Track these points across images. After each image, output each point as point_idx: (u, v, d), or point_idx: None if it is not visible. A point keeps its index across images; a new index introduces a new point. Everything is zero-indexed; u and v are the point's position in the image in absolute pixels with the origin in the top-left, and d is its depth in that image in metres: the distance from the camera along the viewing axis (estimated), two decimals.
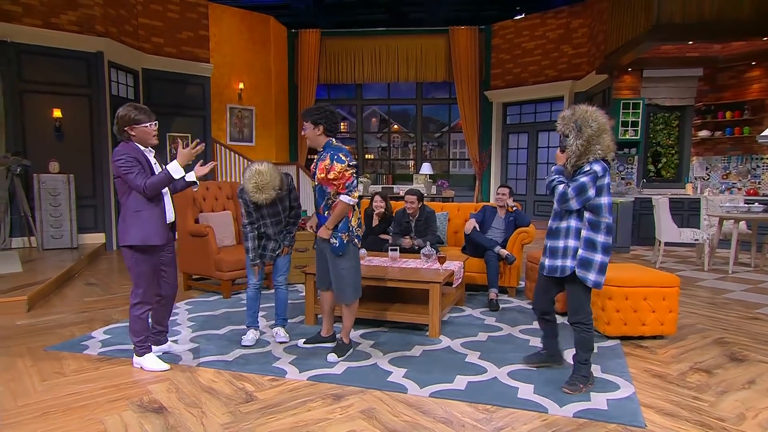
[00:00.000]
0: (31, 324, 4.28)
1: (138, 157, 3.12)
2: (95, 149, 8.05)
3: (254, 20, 10.99)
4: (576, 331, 3.00)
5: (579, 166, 2.86)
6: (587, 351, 2.99)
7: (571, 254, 2.90)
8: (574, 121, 2.84)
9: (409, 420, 2.64)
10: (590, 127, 2.80)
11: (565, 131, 2.88)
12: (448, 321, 4.37)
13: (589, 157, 2.82)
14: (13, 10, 7.35)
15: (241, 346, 3.69)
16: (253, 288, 3.79)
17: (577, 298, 2.96)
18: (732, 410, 2.80)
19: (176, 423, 2.60)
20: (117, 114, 3.16)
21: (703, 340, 3.96)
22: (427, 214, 5.30)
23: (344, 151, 3.32)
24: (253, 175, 3.50)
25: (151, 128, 3.20)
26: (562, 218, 2.96)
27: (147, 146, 3.24)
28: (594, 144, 2.81)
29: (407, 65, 12.38)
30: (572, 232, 2.91)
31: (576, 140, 2.82)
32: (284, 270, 3.88)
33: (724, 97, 9.03)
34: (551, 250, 3.00)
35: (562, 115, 2.92)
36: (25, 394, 2.93)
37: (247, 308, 3.82)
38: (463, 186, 12.85)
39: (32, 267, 6.10)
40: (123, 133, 3.15)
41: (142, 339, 3.30)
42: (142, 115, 3.16)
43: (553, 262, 2.99)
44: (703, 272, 6.61)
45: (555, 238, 2.99)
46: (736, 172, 9.13)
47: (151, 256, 3.20)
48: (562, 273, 2.94)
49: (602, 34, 9.50)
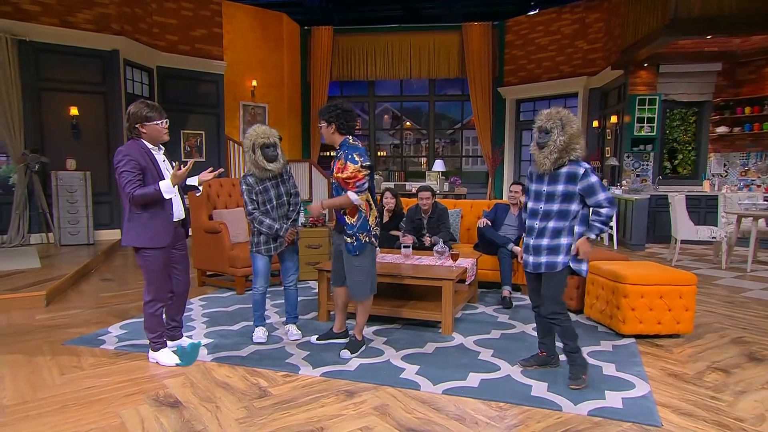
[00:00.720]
0: (49, 319, 4.35)
1: (140, 159, 3.09)
2: (111, 146, 8.14)
3: (267, 18, 11.03)
4: (550, 322, 3.06)
5: (561, 164, 2.94)
6: (573, 339, 3.04)
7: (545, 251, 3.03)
8: (559, 118, 2.94)
9: (422, 417, 2.64)
10: (572, 127, 2.92)
11: (548, 126, 2.95)
12: (461, 318, 4.36)
13: (570, 154, 2.92)
14: (32, 9, 7.46)
15: (255, 343, 3.72)
16: (258, 292, 3.77)
17: (548, 291, 3.05)
18: (751, 410, 2.75)
19: (191, 417, 2.63)
20: (128, 111, 3.17)
21: (721, 340, 3.91)
22: (439, 211, 5.29)
23: (359, 151, 3.30)
24: (253, 130, 3.64)
25: (162, 126, 3.20)
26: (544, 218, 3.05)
27: (157, 144, 3.24)
28: (575, 143, 2.92)
29: (420, 62, 12.34)
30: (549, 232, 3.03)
31: (559, 135, 2.90)
32: (294, 270, 3.89)
33: (743, 92, 8.87)
34: (535, 248, 3.08)
35: (545, 111, 3.02)
36: (44, 387, 2.99)
37: (254, 310, 3.82)
38: (475, 183, 12.79)
39: (50, 263, 6.20)
40: (134, 130, 3.16)
41: (157, 335, 3.33)
42: (153, 112, 3.16)
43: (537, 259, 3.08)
44: (721, 270, 6.51)
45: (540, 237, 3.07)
46: (755, 168, 8.97)
47: (160, 255, 3.21)
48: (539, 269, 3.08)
49: (618, 29, 9.38)
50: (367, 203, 3.39)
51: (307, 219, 5.83)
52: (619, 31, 9.34)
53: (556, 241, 3.00)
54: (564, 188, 2.95)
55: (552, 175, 2.98)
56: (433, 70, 12.36)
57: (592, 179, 2.90)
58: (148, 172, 3.12)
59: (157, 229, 3.16)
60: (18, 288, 4.87)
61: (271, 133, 3.66)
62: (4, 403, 2.78)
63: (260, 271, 3.74)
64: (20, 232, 7.47)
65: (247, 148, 3.64)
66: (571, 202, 2.96)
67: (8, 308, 4.55)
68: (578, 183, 2.91)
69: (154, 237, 3.15)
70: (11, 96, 7.24)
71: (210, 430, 2.50)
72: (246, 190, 3.67)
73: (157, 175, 3.15)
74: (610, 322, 3.98)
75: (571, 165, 2.93)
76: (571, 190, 2.94)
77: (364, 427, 2.54)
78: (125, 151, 3.08)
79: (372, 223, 3.40)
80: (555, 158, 2.92)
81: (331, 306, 4.27)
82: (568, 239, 3.00)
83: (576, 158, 2.93)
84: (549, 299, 3.04)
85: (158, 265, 3.22)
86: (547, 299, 3.05)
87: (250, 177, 3.67)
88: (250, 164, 3.65)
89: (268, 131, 3.66)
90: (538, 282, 3.14)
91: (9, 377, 3.13)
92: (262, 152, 3.61)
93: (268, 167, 3.62)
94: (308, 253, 5.65)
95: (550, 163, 2.94)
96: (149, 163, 3.13)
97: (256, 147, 3.61)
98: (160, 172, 3.18)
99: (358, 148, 3.34)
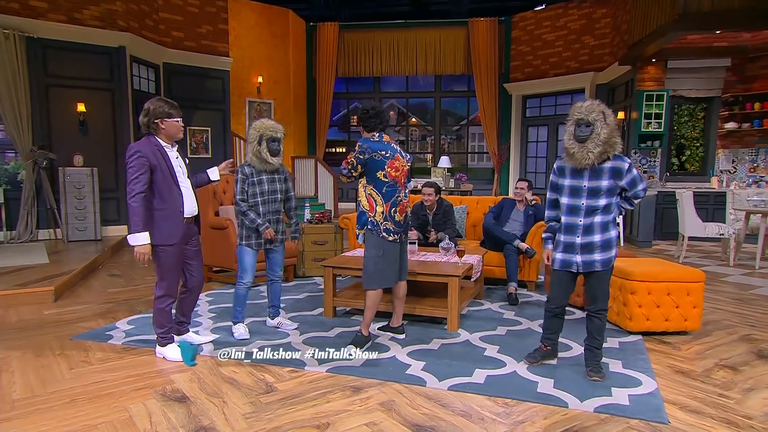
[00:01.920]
0: (57, 313, 4.39)
1: (151, 156, 3.09)
2: (118, 143, 8.18)
3: (273, 14, 11.02)
4: (598, 318, 3.06)
5: (604, 158, 2.89)
6: (603, 335, 3.10)
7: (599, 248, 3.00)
8: (601, 110, 2.87)
9: (428, 413, 2.64)
10: (612, 119, 2.88)
11: (591, 119, 2.86)
12: (467, 315, 4.36)
13: (615, 147, 2.88)
14: (39, 6, 7.49)
15: (261, 338, 3.72)
16: (245, 287, 3.78)
17: (602, 287, 3.04)
18: (760, 408, 2.74)
19: (198, 412, 2.64)
20: (147, 107, 3.16)
21: (729, 337, 3.88)
22: (445, 207, 5.28)
23: (361, 142, 3.43)
24: (261, 123, 3.72)
25: (180, 123, 3.24)
26: (589, 215, 2.99)
27: (172, 141, 3.26)
28: (616, 136, 2.88)
29: (426, 58, 12.30)
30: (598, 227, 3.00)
31: (603, 128, 2.84)
32: (281, 263, 3.97)
33: (753, 87, 8.77)
34: (585, 246, 2.99)
35: (585, 104, 2.92)
36: (54, 381, 3.01)
37: (236, 305, 3.80)
38: (481, 179, 12.75)
39: (58, 258, 6.25)
40: (152, 125, 3.16)
41: (164, 330, 3.35)
42: (173, 109, 3.20)
43: (589, 257, 3.01)
44: (729, 267, 6.47)
45: (589, 234, 2.99)
46: (764, 165, 8.89)
47: (173, 251, 3.23)
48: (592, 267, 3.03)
49: (626, 24, 9.30)
50: (370, 198, 3.44)
51: (313, 215, 5.83)
52: (626, 27, 9.26)
53: (607, 235, 2.97)
54: (609, 183, 2.91)
55: (594, 170, 2.91)
56: (439, 66, 12.32)
57: (635, 172, 2.92)
58: (158, 170, 3.12)
59: (169, 227, 3.18)
60: (27, 283, 4.91)
61: (278, 128, 3.76)
62: (14, 397, 2.81)
63: (247, 265, 3.77)
64: (28, 228, 7.52)
65: (252, 138, 3.69)
66: (613, 196, 2.97)
67: (17, 303, 4.59)
68: (624, 178, 2.90)
69: (166, 234, 3.17)
70: (19, 93, 7.28)
71: (217, 424, 2.52)
72: (240, 179, 3.72)
73: (169, 173, 3.16)
74: (617, 318, 3.97)
75: (615, 160, 2.90)
76: (615, 185, 2.92)
77: (370, 422, 2.54)
78: (136, 147, 3.09)
79: (380, 220, 3.43)
80: (599, 152, 2.85)
81: (337, 302, 4.30)
82: (615, 231, 3.01)
83: (617, 153, 2.91)
84: (603, 295, 3.04)
85: (171, 262, 3.23)
86: (601, 295, 3.03)
87: (247, 167, 3.74)
88: (251, 155, 3.71)
89: (276, 126, 3.75)
90: (573, 281, 3.11)
91: (18, 371, 3.15)
92: (268, 145, 3.68)
93: (270, 160, 3.70)
94: (314, 249, 5.66)
95: (594, 157, 2.86)
96: (160, 161, 3.14)
97: (263, 139, 3.67)
98: (171, 170, 3.19)
99: (367, 140, 3.46)
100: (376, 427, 2.50)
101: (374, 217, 3.46)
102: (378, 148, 3.40)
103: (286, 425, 2.51)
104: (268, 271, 3.95)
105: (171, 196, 3.18)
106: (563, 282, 3.12)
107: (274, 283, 3.97)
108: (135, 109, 8.31)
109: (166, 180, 3.14)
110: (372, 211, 3.45)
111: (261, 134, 3.67)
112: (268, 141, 3.68)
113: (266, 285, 4.06)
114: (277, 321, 3.99)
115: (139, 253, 3.09)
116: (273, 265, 3.94)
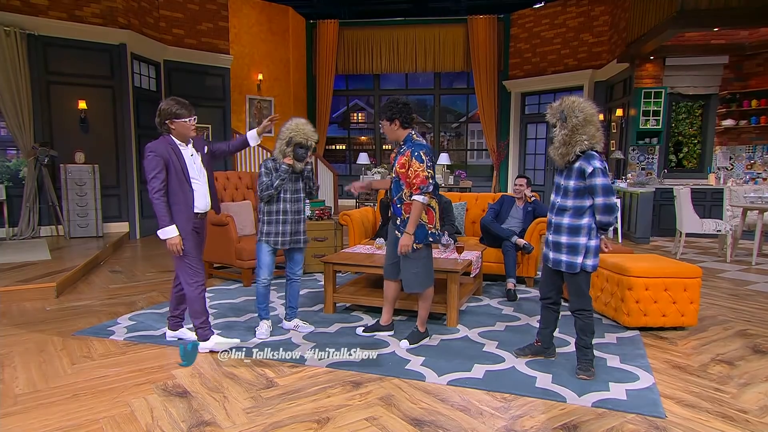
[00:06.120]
0: (59, 309, 4.42)
1: (167, 155, 3.19)
2: (119, 140, 8.20)
3: (273, 11, 11.02)
4: (578, 318, 3.05)
5: (570, 159, 2.90)
6: (590, 335, 3.05)
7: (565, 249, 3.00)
8: (560, 111, 2.91)
9: (428, 407, 2.67)
10: (576, 117, 2.85)
11: (552, 121, 2.95)
12: (466, 311, 4.39)
13: (575, 147, 2.87)
14: (40, 4, 7.49)
15: (258, 338, 3.71)
16: (263, 284, 3.74)
17: (574, 288, 3.03)
18: (755, 402, 2.77)
19: (199, 407, 2.67)
20: (159, 107, 3.26)
21: (725, 332, 3.92)
22: (443, 204, 5.30)
23: (425, 149, 3.31)
24: (296, 125, 3.61)
25: (189, 123, 3.28)
26: (559, 213, 3.02)
27: (185, 140, 3.31)
28: (579, 134, 2.85)
29: (425, 55, 12.31)
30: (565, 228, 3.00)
31: (561, 130, 2.89)
32: (301, 261, 3.88)
33: (751, 85, 8.80)
34: (554, 244, 3.05)
35: (551, 105, 2.99)
36: (56, 376, 3.04)
37: (259, 302, 3.78)
38: (480, 176, 12.78)
39: (60, 255, 6.27)
40: (163, 125, 3.25)
41: (203, 320, 3.39)
42: (183, 109, 3.25)
43: (557, 255, 3.05)
44: (726, 263, 6.51)
45: (558, 233, 3.04)
46: (761, 161, 8.92)
47: (187, 241, 3.28)
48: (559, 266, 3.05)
49: (624, 22, 9.31)
50: (430, 209, 3.39)
51: (313, 212, 5.86)
52: (624, 24, 9.28)
53: (575, 239, 2.94)
54: (576, 184, 2.90)
55: (568, 170, 2.95)
56: (438, 64, 12.34)
57: (597, 181, 2.83)
58: (172, 168, 3.21)
59: (180, 221, 3.26)
60: (29, 279, 4.94)
61: (311, 135, 3.64)
62: (17, 392, 2.84)
63: (263, 262, 3.71)
64: (31, 225, 7.54)
65: (283, 137, 3.61)
66: (584, 198, 2.91)
67: (20, 299, 4.62)
68: (587, 179, 2.86)
69: (178, 228, 3.25)
70: (20, 90, 7.29)
71: (218, 419, 2.55)
72: (264, 173, 3.63)
73: (181, 170, 3.24)
74: (615, 314, 4.00)
75: (583, 160, 2.87)
76: (582, 186, 2.89)
77: (369, 417, 2.57)
78: (152, 147, 3.19)
79: (434, 225, 3.42)
80: (562, 153, 2.90)
81: (337, 298, 4.31)
82: (586, 239, 2.92)
83: (584, 150, 2.86)
84: (574, 296, 3.04)
85: (190, 246, 3.30)
86: (572, 296, 3.05)
87: (271, 162, 3.66)
88: (278, 152, 3.64)
89: (309, 132, 3.63)
90: (555, 275, 3.13)
91: (21, 367, 3.18)
92: (295, 150, 3.59)
93: (294, 165, 3.63)
94: (314, 246, 5.69)
95: (560, 159, 2.93)
96: (174, 159, 3.22)
97: (292, 141, 3.58)
98: (185, 168, 3.26)
99: (424, 145, 3.33)
100: (375, 421, 2.53)
101: (434, 227, 3.44)
102: (429, 148, 3.32)
103: (286, 420, 2.54)
104: (288, 270, 3.87)
105: (182, 193, 3.26)
106: (546, 274, 3.20)
107: (293, 283, 3.88)
108: (136, 107, 8.33)
109: (178, 178, 3.23)
110: (432, 222, 3.40)
111: (291, 136, 3.58)
112: (296, 146, 3.59)
113: (285, 283, 3.95)
114: (294, 323, 3.90)
115: (170, 245, 3.22)
116: (293, 263, 3.85)
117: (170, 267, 6.17)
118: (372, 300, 4.17)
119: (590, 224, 2.93)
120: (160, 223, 3.19)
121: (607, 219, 2.89)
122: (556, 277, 3.14)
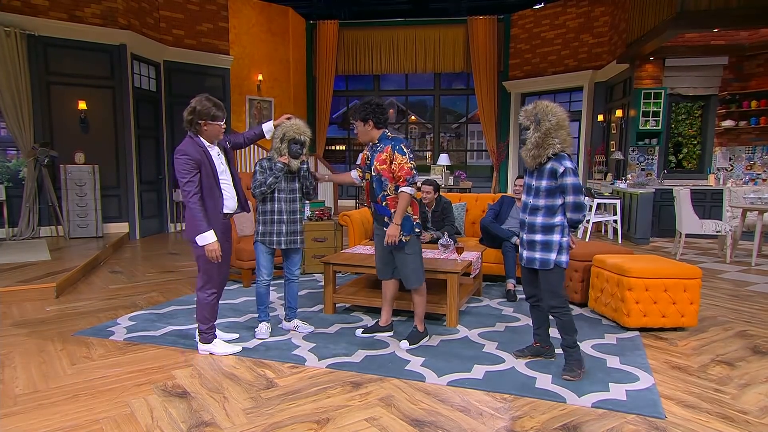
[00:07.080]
0: (59, 310, 4.42)
1: (198, 157, 3.12)
2: (119, 140, 8.20)
3: (273, 12, 11.03)
4: (554, 316, 3.07)
5: (540, 161, 2.97)
6: (572, 333, 3.06)
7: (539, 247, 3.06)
8: (534, 114, 2.97)
9: (428, 408, 2.67)
10: (549, 121, 2.93)
11: (526, 124, 3.01)
12: (466, 311, 4.39)
13: (548, 150, 2.94)
14: (40, 4, 7.50)
15: (257, 338, 3.71)
16: (263, 285, 3.74)
17: (546, 286, 3.06)
18: (755, 403, 2.77)
19: (199, 407, 2.67)
20: (193, 106, 3.16)
21: (725, 333, 3.92)
22: (443, 204, 5.30)
23: (405, 142, 3.37)
24: (289, 122, 3.62)
25: (222, 126, 3.24)
26: (532, 213, 3.08)
27: (213, 142, 3.26)
28: (552, 137, 2.93)
29: (425, 56, 12.32)
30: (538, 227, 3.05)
31: (534, 132, 2.96)
32: (299, 261, 3.88)
33: (750, 85, 8.82)
34: (528, 243, 3.11)
35: (525, 108, 3.06)
36: (56, 377, 3.04)
37: (258, 303, 3.78)
38: (480, 177, 12.78)
39: (60, 255, 6.27)
40: (196, 125, 3.16)
41: (208, 326, 3.36)
42: (219, 111, 3.19)
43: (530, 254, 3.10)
44: (726, 264, 6.51)
45: (532, 232, 3.09)
46: (760, 162, 8.93)
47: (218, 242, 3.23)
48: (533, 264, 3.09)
49: (624, 23, 9.32)
50: (414, 201, 3.43)
51: (313, 213, 5.86)
52: (624, 25, 9.29)
53: (549, 237, 3.01)
54: (547, 184, 2.98)
55: (538, 171, 3.02)
56: (438, 64, 12.34)
57: (568, 180, 2.92)
58: (203, 169, 3.15)
59: (214, 222, 3.20)
60: (29, 280, 4.94)
61: (304, 130, 3.65)
62: (17, 392, 2.84)
63: (261, 263, 3.71)
64: (30, 225, 7.55)
65: (277, 136, 3.62)
66: (555, 197, 2.99)
67: (19, 299, 4.62)
68: (559, 179, 2.94)
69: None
70: (21, 90, 7.29)
71: (218, 419, 2.55)
72: (258, 171, 3.63)
73: (211, 171, 3.18)
74: (615, 315, 4.00)
75: (554, 161, 2.95)
76: (553, 185, 2.97)
77: (369, 417, 2.58)
78: (184, 150, 3.10)
79: (418, 217, 3.46)
80: (534, 155, 2.98)
81: (336, 299, 4.31)
82: (560, 236, 3.00)
83: (556, 153, 2.94)
84: (547, 294, 3.07)
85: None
86: (545, 294, 3.08)
87: (266, 161, 3.66)
88: (273, 152, 3.65)
89: (303, 128, 3.65)
90: (533, 274, 3.17)
91: (21, 367, 3.18)
92: (289, 146, 3.59)
93: (289, 162, 3.62)
94: (314, 246, 5.69)
95: (531, 160, 3.01)
96: (206, 162, 3.17)
97: (285, 138, 3.59)
98: (213, 168, 3.20)
99: (401, 139, 3.40)
100: (375, 422, 2.53)
101: (418, 219, 3.48)
102: (408, 142, 3.37)
103: (286, 420, 2.54)
104: (286, 270, 3.86)
105: (212, 197, 3.20)
106: (524, 274, 3.24)
107: (291, 283, 3.87)
108: (136, 107, 8.33)
109: (208, 180, 3.17)
110: (416, 214, 3.45)
111: (285, 132, 3.59)
112: (290, 142, 3.59)
113: (283, 284, 3.95)
114: (293, 324, 3.90)
115: (209, 251, 3.14)
116: (290, 264, 3.84)
117: (170, 267, 6.18)
118: (372, 300, 4.17)
119: (563, 222, 3.01)
120: (198, 228, 3.10)
121: (577, 216, 2.98)
122: (533, 275, 3.18)
